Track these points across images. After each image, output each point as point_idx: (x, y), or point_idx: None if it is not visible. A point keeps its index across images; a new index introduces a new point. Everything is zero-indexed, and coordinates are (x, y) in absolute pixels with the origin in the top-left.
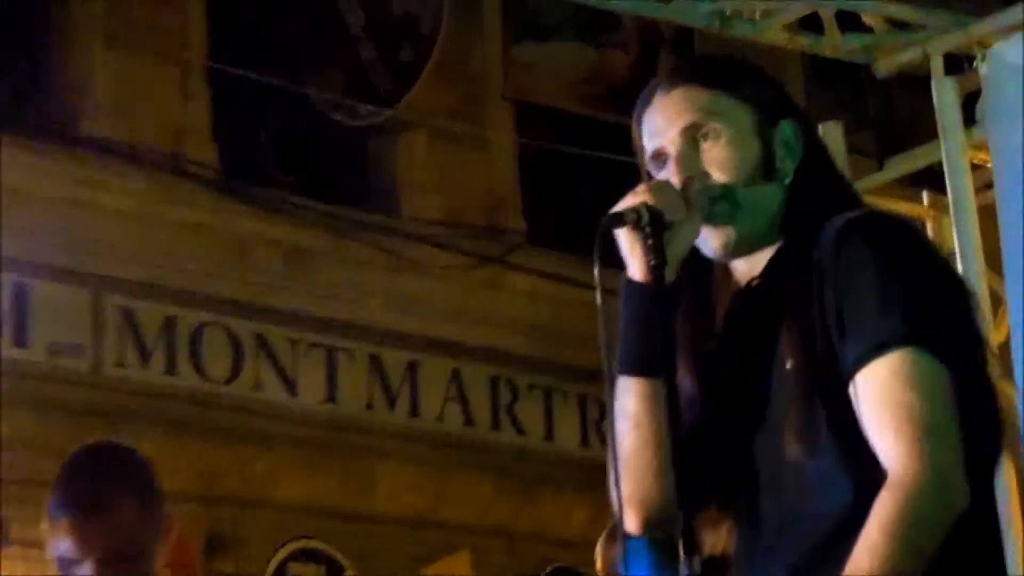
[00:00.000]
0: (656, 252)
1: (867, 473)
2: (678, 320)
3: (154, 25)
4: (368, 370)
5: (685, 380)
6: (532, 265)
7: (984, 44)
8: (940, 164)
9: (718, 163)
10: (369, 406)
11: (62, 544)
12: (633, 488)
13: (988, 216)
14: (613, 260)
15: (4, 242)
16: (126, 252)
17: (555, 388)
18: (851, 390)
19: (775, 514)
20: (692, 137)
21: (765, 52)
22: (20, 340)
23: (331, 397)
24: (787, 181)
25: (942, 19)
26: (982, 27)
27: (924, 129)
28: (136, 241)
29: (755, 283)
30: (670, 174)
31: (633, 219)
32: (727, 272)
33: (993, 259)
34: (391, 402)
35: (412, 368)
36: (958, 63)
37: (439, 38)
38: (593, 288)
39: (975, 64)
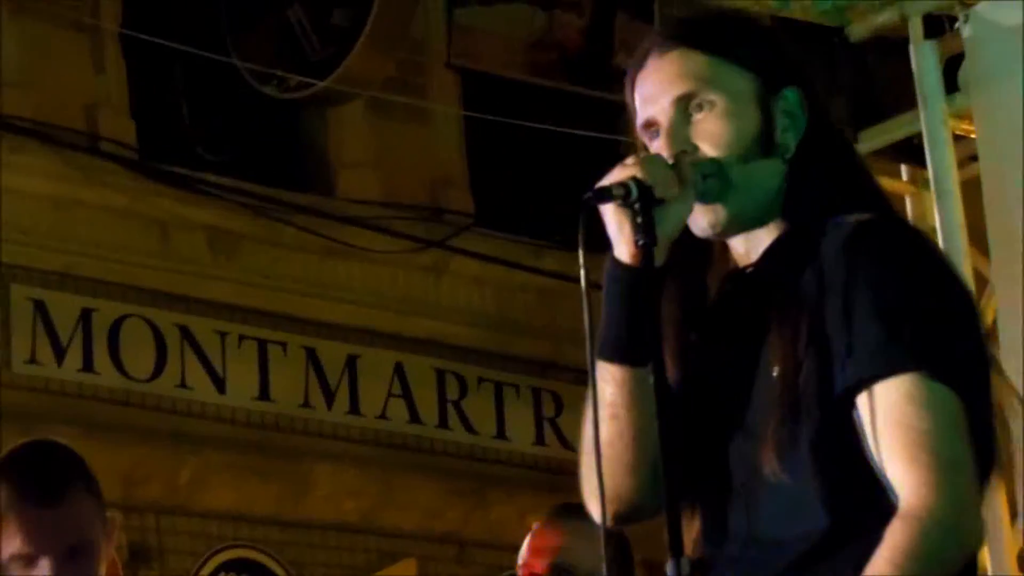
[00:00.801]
0: (645, 231)
1: (845, 499)
2: (667, 302)
3: None
4: (303, 364)
5: (668, 368)
6: (480, 249)
7: (967, 3)
8: (920, 135)
9: (710, 137)
10: (305, 403)
11: (12, 542)
12: (604, 480)
13: (972, 191)
14: (573, 243)
15: None
16: (37, 238)
17: (507, 382)
18: (859, 407)
19: (743, 526)
20: (685, 108)
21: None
22: None
23: (263, 394)
24: (788, 156)
25: None
26: None
27: (902, 97)
28: (48, 226)
29: (750, 270)
30: (661, 147)
31: (621, 194)
32: (724, 249)
33: (977, 237)
34: (329, 399)
35: (351, 362)
36: (938, 25)
37: (376, 1)
38: (543, 273)
39: (957, 26)
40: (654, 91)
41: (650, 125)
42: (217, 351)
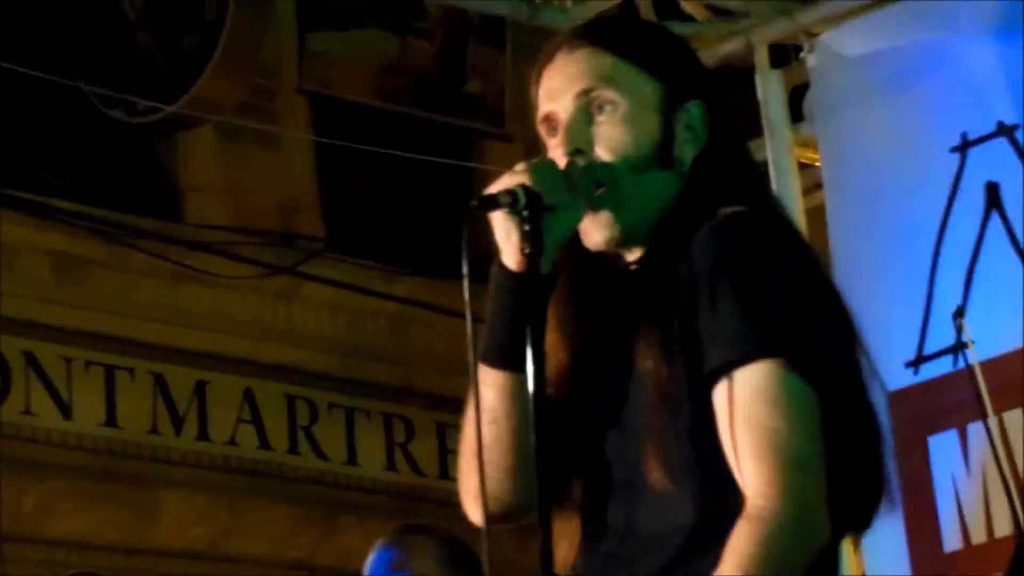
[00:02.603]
0: (532, 239)
1: (714, 493)
2: (558, 302)
3: None
4: (151, 390)
5: (554, 364)
6: (330, 275)
7: (811, 33)
8: (765, 163)
9: (609, 140)
10: (153, 430)
11: None
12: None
13: (817, 218)
14: (425, 269)
15: None
16: None
17: (358, 407)
18: (715, 398)
19: (621, 522)
20: (586, 106)
21: None
22: None
23: (111, 421)
24: (684, 170)
25: (767, 6)
26: (809, 15)
27: (748, 126)
28: None
29: (632, 268)
30: (558, 143)
31: (508, 202)
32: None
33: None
34: (177, 425)
35: (200, 388)
36: (784, 54)
37: (225, 25)
38: (395, 299)
39: (802, 55)
40: (557, 87)
41: (549, 120)
42: (63, 377)
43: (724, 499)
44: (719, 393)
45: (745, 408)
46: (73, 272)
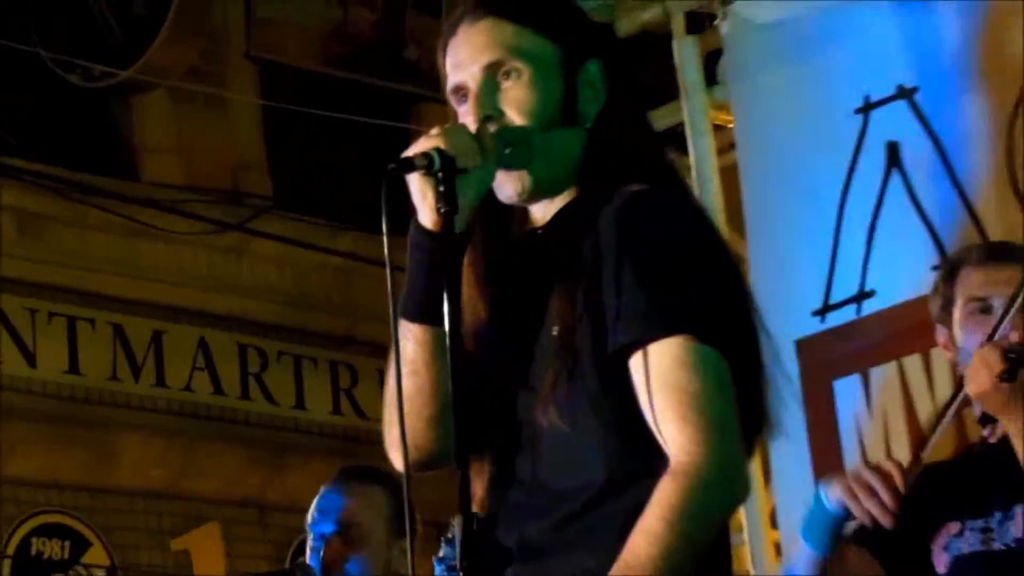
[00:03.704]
0: (447, 199)
1: (621, 451)
2: (470, 261)
3: None
4: (111, 340)
5: (471, 318)
6: (278, 231)
7: (724, 2)
8: (682, 125)
9: (517, 104)
10: (113, 377)
11: None
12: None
13: (731, 176)
14: (367, 225)
15: None
16: None
17: (305, 355)
18: (631, 368)
19: (528, 474)
20: (493, 75)
21: None
22: None
23: (73, 368)
24: (588, 125)
25: None
26: None
27: (666, 89)
28: None
29: (540, 232)
30: (469, 111)
31: (424, 164)
32: (525, 210)
33: (735, 219)
34: (136, 372)
35: (157, 337)
36: (699, 22)
37: None
38: (339, 253)
39: (716, 23)
40: (464, 58)
41: (459, 90)
42: (28, 328)
43: (628, 457)
44: (636, 362)
45: (665, 374)
46: (35, 228)
